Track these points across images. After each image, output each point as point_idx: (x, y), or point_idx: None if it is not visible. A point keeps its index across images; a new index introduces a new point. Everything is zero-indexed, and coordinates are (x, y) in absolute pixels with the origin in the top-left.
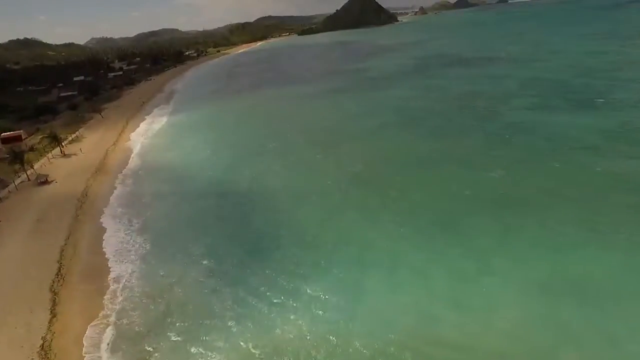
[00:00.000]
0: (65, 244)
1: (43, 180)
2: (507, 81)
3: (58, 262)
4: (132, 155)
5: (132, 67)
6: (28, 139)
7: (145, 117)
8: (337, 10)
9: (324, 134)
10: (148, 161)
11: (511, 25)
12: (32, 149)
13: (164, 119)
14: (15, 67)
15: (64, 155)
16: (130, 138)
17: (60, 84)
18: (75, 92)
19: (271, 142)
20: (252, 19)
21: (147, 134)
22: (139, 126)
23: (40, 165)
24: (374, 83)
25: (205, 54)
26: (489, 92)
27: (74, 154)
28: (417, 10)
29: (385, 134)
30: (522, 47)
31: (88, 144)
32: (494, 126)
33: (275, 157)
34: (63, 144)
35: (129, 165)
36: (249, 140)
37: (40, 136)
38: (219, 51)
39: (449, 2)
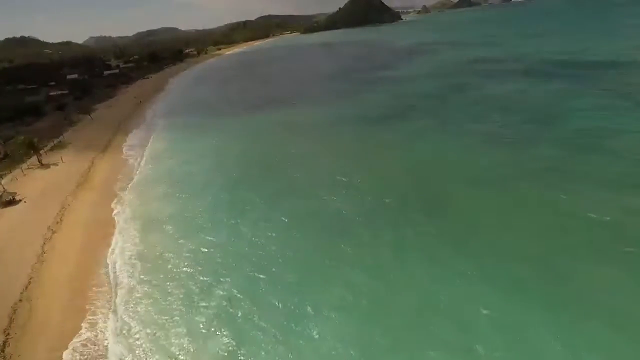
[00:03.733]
0: (21, 300)
1: (9, 200)
2: (559, 82)
3: (5, 332)
4: (124, 166)
5: (130, 65)
6: (2, 145)
7: (141, 119)
8: (339, 8)
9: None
10: (144, 173)
11: (527, 23)
12: (6, 156)
13: (160, 122)
14: (6, 65)
15: (42, 165)
16: (122, 143)
17: (52, 83)
18: (66, 91)
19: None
20: (252, 18)
21: (142, 140)
22: (133, 130)
23: (11, 179)
24: (411, 98)
25: (206, 52)
26: (540, 94)
27: (54, 164)
28: (420, 9)
29: (429, 142)
30: (554, 46)
31: (72, 151)
32: (561, 134)
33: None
34: (43, 150)
35: (120, 177)
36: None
37: (17, 142)
38: (219, 49)
39: (450, 1)
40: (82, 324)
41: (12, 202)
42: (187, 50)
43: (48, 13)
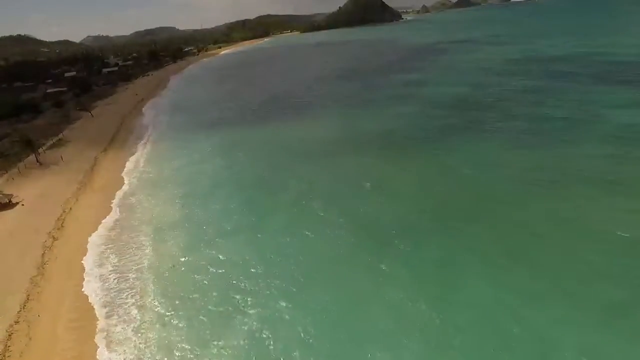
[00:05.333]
0: (18, 321)
1: (5, 202)
2: (586, 79)
3: None
4: (130, 165)
5: (128, 63)
6: None
7: (143, 117)
8: (339, 7)
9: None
10: (149, 174)
11: (532, 22)
12: (1, 155)
13: (163, 119)
14: (2, 63)
15: (40, 164)
16: (125, 142)
17: (50, 81)
18: (64, 89)
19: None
20: (251, 18)
21: (146, 139)
22: (135, 128)
23: (7, 179)
24: (435, 103)
25: (206, 51)
26: (571, 92)
27: (54, 163)
28: (419, 9)
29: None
30: (568, 44)
31: (72, 150)
32: (604, 133)
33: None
34: (41, 149)
35: (125, 178)
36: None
37: (13, 140)
38: (219, 47)
39: (449, 1)
40: (94, 351)
41: (8, 205)
42: (187, 49)
43: (44, 12)
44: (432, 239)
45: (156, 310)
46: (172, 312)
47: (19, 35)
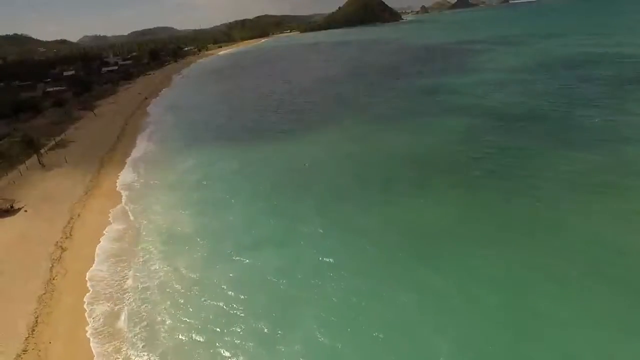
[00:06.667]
0: (26, 350)
1: (7, 208)
2: (617, 80)
3: None
4: (138, 167)
5: (128, 62)
6: None
7: (149, 117)
8: (339, 7)
9: None
10: (160, 175)
11: (537, 22)
12: (1, 156)
13: (171, 118)
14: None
15: (43, 166)
16: (132, 142)
17: (48, 80)
18: (64, 88)
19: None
20: (249, 18)
21: (153, 139)
22: (141, 128)
23: (8, 182)
24: (479, 117)
25: (207, 50)
26: (607, 94)
27: (57, 165)
28: (419, 9)
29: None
30: (583, 43)
31: (76, 151)
32: None
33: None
34: (42, 150)
35: (133, 181)
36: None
37: (14, 140)
38: (220, 47)
39: (448, 2)
40: None
41: (10, 211)
42: (187, 48)
43: (41, 12)
44: (488, 253)
45: (175, 333)
46: (195, 334)
47: (15, 34)
